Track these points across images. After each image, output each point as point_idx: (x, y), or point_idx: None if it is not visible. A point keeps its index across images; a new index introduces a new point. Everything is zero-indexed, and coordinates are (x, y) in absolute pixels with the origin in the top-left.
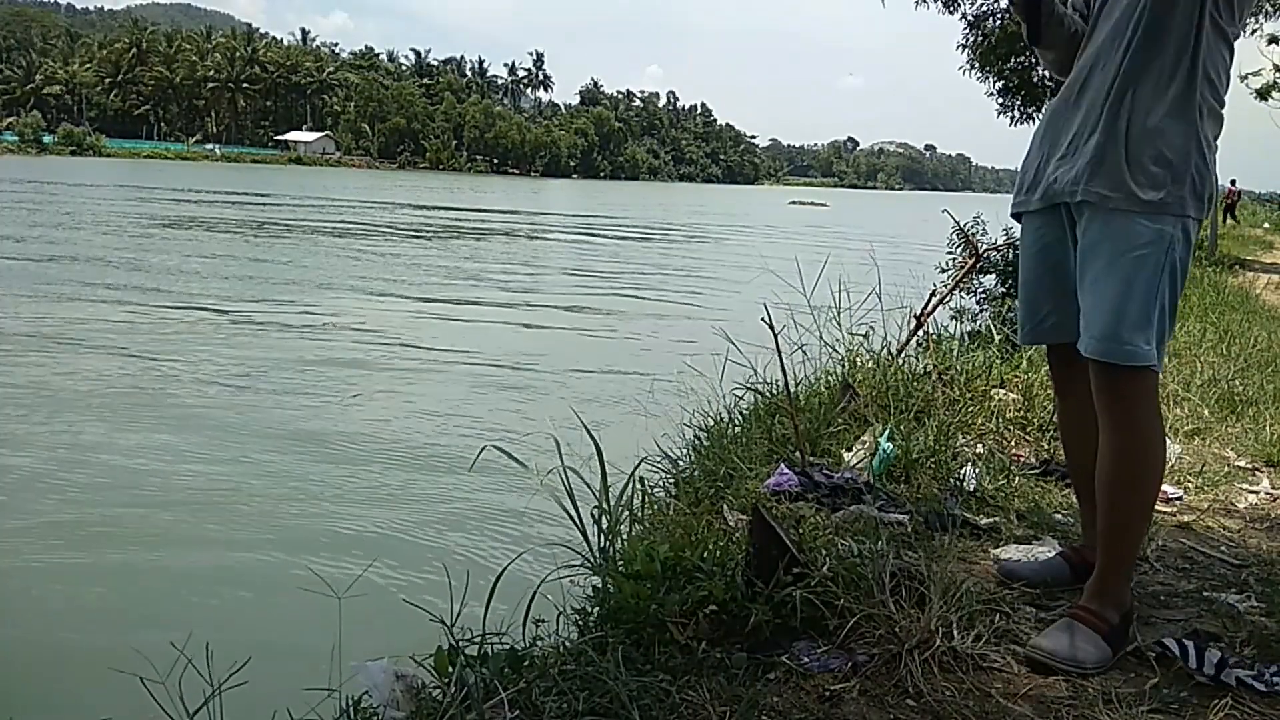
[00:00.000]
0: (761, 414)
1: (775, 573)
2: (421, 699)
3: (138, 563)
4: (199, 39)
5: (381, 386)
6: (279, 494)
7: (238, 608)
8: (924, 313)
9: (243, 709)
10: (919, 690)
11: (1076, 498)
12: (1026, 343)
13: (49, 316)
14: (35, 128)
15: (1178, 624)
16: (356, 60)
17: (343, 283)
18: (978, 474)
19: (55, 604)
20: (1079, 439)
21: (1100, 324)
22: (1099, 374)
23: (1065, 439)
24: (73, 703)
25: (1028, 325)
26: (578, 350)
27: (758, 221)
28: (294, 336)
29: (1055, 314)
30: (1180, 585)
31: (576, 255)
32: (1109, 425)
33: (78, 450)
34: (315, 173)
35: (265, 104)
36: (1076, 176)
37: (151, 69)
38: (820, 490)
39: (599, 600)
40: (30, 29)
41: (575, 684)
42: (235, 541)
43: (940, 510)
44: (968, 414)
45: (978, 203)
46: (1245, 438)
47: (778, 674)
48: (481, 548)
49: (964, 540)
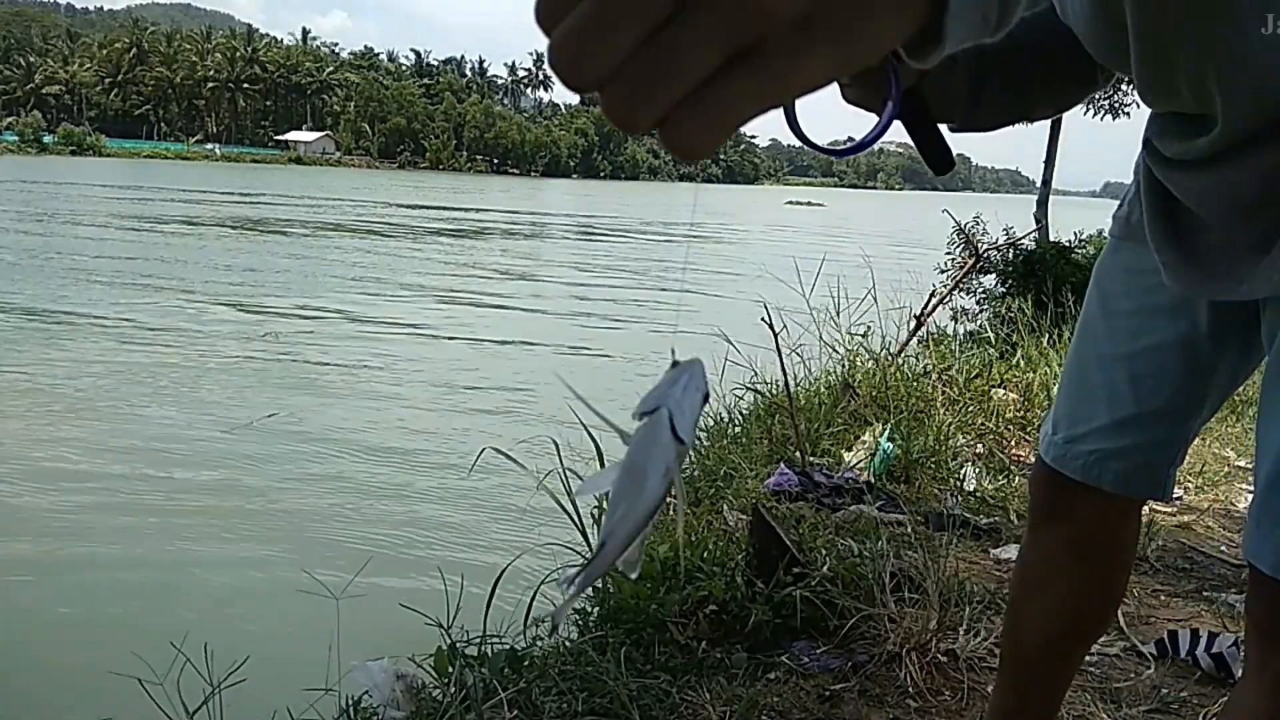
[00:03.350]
0: (761, 414)
1: (775, 573)
2: (421, 699)
3: (137, 563)
4: (199, 39)
5: (381, 386)
6: (277, 494)
7: (238, 608)
8: (924, 313)
9: (243, 708)
10: (918, 690)
11: (1002, 693)
12: (1054, 460)
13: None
14: (35, 128)
15: (1178, 624)
16: (356, 60)
17: (342, 282)
18: (978, 474)
19: (55, 604)
20: (1043, 594)
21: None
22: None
23: (1020, 594)
24: (73, 703)
25: (1067, 430)
26: (577, 350)
27: (754, 221)
28: (293, 337)
29: (1138, 442)
30: (1180, 585)
31: (576, 255)
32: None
33: (76, 449)
34: (316, 172)
35: (265, 104)
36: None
37: (151, 69)
38: (820, 490)
39: (599, 600)
40: (30, 29)
41: (575, 684)
42: (234, 542)
43: (940, 510)
44: (968, 414)
45: (978, 202)
46: (1245, 438)
47: (778, 674)
48: (481, 548)
49: (964, 540)
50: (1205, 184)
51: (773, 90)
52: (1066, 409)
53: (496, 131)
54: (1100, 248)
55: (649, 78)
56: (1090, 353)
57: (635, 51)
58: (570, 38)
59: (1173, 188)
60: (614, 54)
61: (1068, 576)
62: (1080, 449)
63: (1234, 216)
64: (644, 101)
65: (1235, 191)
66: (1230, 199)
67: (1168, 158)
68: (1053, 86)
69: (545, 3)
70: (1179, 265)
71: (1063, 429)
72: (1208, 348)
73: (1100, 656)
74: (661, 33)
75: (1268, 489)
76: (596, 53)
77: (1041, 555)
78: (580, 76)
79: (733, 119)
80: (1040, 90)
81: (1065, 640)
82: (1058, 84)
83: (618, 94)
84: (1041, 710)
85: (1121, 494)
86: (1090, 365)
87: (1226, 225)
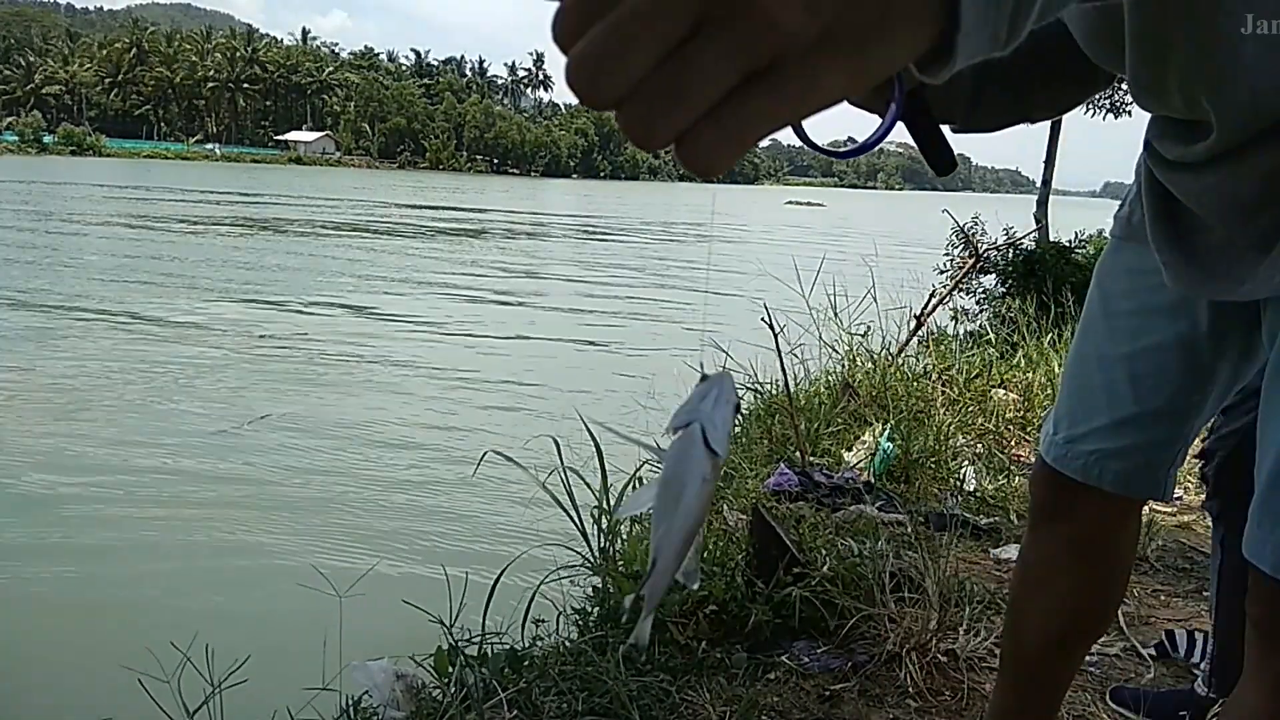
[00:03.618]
0: (761, 414)
1: (775, 573)
2: (421, 699)
3: (138, 562)
4: (199, 39)
5: (381, 386)
6: (278, 493)
7: (239, 607)
8: (924, 313)
9: (244, 708)
10: (918, 690)
11: (1002, 693)
12: (1055, 460)
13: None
14: (35, 128)
15: (1177, 624)
16: (356, 60)
17: (341, 282)
18: (978, 474)
19: (55, 603)
20: (1042, 594)
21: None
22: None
23: (1020, 594)
24: (73, 703)
25: (1068, 430)
26: (577, 350)
27: (754, 221)
28: (292, 336)
29: (1138, 442)
30: (1180, 585)
31: (575, 255)
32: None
33: (77, 444)
34: (316, 172)
35: (265, 104)
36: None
37: (151, 69)
38: (820, 490)
39: (599, 600)
40: (30, 29)
41: (575, 684)
42: (235, 541)
43: (940, 510)
44: (968, 414)
45: (978, 202)
46: None
47: (778, 674)
48: (482, 548)
49: (964, 540)
50: (1205, 185)
51: (789, 108)
52: (1067, 409)
53: (496, 131)
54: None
55: (667, 96)
56: (1091, 352)
57: (653, 70)
58: (589, 57)
59: (1173, 189)
60: (632, 73)
61: (1068, 576)
62: (1081, 449)
63: (1235, 217)
64: (661, 119)
65: (1236, 192)
66: (1231, 200)
67: (1168, 159)
68: (1053, 87)
69: (563, 22)
70: (1180, 265)
71: (1063, 429)
72: (1208, 348)
73: (1100, 656)
74: (679, 52)
75: (1268, 489)
76: (615, 72)
77: (1042, 555)
78: (599, 95)
79: (749, 136)
80: (1041, 91)
81: (1065, 640)
82: (1058, 85)
83: (635, 112)
84: (1041, 710)
85: (1122, 494)
86: (1091, 365)
87: (1227, 226)
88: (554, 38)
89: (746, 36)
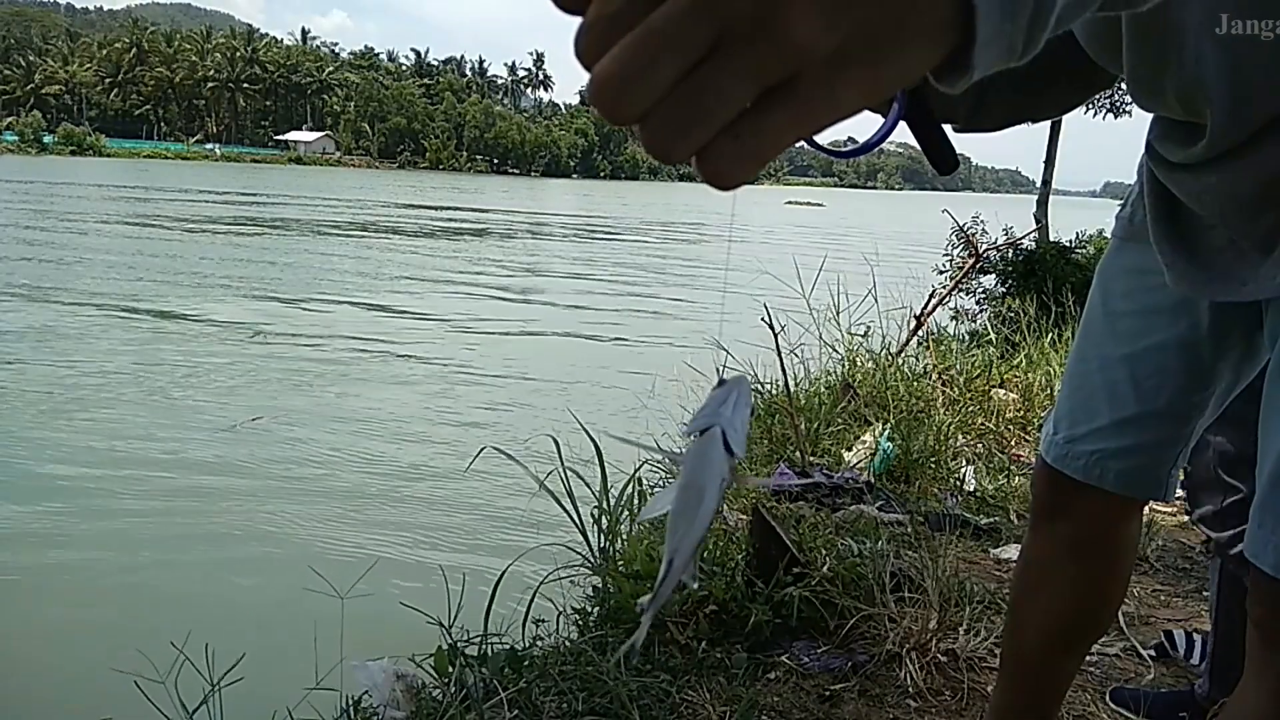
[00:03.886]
0: (762, 414)
1: (775, 573)
2: (421, 699)
3: (138, 562)
4: (199, 39)
5: (381, 386)
6: (279, 494)
7: (238, 607)
8: (924, 313)
9: (243, 708)
10: (918, 690)
11: (1002, 693)
12: (1055, 460)
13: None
14: (35, 128)
15: (1177, 624)
16: (356, 60)
17: (341, 281)
18: (977, 474)
19: (55, 603)
20: (1043, 594)
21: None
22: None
23: (1021, 594)
24: (73, 703)
25: (1069, 430)
26: (577, 350)
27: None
28: (293, 336)
29: (1139, 443)
30: (1180, 585)
31: (575, 254)
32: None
33: (76, 445)
34: (316, 172)
35: (265, 104)
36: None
37: (151, 69)
38: (820, 490)
39: (599, 600)
40: (30, 29)
41: (575, 684)
42: (236, 541)
43: (940, 510)
44: (968, 414)
45: (978, 202)
46: None
47: (778, 674)
48: (482, 549)
49: (964, 540)
50: (1206, 185)
51: (807, 121)
52: (1068, 409)
53: (496, 131)
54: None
55: (687, 113)
56: (1092, 353)
57: (674, 87)
58: (613, 76)
59: (1175, 189)
60: (654, 91)
61: (1069, 576)
62: (1082, 449)
63: (1236, 217)
64: (682, 135)
65: (1236, 193)
66: (1231, 200)
67: (1169, 160)
68: (1056, 87)
69: (585, 40)
70: (1182, 266)
71: (1064, 429)
72: (1209, 349)
73: (1100, 656)
74: (699, 68)
75: (1269, 489)
76: (637, 90)
77: (1042, 555)
78: (621, 112)
79: (768, 150)
80: (1043, 91)
81: (1066, 640)
82: (1061, 85)
83: (656, 128)
84: (1042, 710)
85: (1123, 494)
86: (1092, 365)
87: (1229, 226)
88: (576, 55)
89: (765, 53)
